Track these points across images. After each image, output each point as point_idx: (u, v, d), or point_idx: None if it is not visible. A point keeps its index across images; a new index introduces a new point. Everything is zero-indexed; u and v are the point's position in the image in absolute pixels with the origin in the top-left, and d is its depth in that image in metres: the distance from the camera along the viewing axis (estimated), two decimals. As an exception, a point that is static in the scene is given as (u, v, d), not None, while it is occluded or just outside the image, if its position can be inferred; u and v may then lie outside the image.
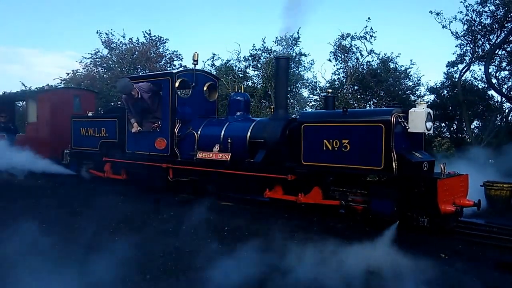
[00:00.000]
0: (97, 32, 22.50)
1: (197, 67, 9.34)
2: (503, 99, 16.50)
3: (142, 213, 7.54)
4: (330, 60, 20.11)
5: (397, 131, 6.39)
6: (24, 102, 19.73)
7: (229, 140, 8.27)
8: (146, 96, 9.31)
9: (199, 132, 8.83)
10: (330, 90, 7.87)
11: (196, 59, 9.09)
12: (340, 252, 5.12)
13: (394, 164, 6.19)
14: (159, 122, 9.36)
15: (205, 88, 9.76)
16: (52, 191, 9.90)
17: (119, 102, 20.02)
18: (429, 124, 6.67)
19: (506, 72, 16.54)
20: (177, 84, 8.98)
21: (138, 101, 9.33)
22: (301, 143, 7.19)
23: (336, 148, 6.81)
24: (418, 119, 6.53)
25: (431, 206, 6.05)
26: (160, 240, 5.88)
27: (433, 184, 6.03)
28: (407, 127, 6.51)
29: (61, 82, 22.93)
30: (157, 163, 9.15)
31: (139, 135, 9.59)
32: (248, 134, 8.17)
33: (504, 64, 16.48)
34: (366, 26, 18.47)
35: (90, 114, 11.45)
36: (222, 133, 8.51)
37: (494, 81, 15.95)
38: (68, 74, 23.54)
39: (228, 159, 8.13)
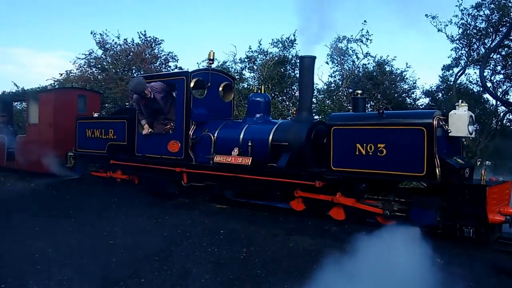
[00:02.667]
0: (91, 33, 21.37)
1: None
2: (498, 102, 16.17)
3: (137, 215, 7.07)
4: (327, 63, 19.63)
5: (439, 135, 5.72)
6: (21, 102, 18.64)
7: (250, 143, 7.46)
8: (158, 97, 8.42)
9: (216, 135, 7.99)
10: (359, 91, 7.01)
11: (212, 58, 8.32)
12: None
13: (437, 171, 5.52)
14: (172, 124, 8.50)
15: (220, 89, 8.93)
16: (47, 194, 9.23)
17: (126, 103, 19.01)
18: (471, 128, 6.03)
19: (501, 76, 16.27)
20: (192, 84, 8.12)
21: (150, 102, 8.45)
22: (331, 147, 6.43)
23: (370, 153, 6.07)
24: (460, 122, 5.87)
25: (479, 216, 5.39)
26: (156, 243, 5.50)
27: (482, 192, 5.36)
28: (449, 131, 5.86)
29: (54, 83, 21.66)
30: (170, 167, 8.27)
31: (150, 137, 8.69)
32: (271, 137, 7.35)
33: (499, 68, 16.25)
34: (362, 29, 18.03)
35: (95, 115, 10.51)
36: (241, 135, 7.69)
37: (489, 84, 15.65)
38: (61, 74, 22.29)
39: (249, 163, 7.30)
